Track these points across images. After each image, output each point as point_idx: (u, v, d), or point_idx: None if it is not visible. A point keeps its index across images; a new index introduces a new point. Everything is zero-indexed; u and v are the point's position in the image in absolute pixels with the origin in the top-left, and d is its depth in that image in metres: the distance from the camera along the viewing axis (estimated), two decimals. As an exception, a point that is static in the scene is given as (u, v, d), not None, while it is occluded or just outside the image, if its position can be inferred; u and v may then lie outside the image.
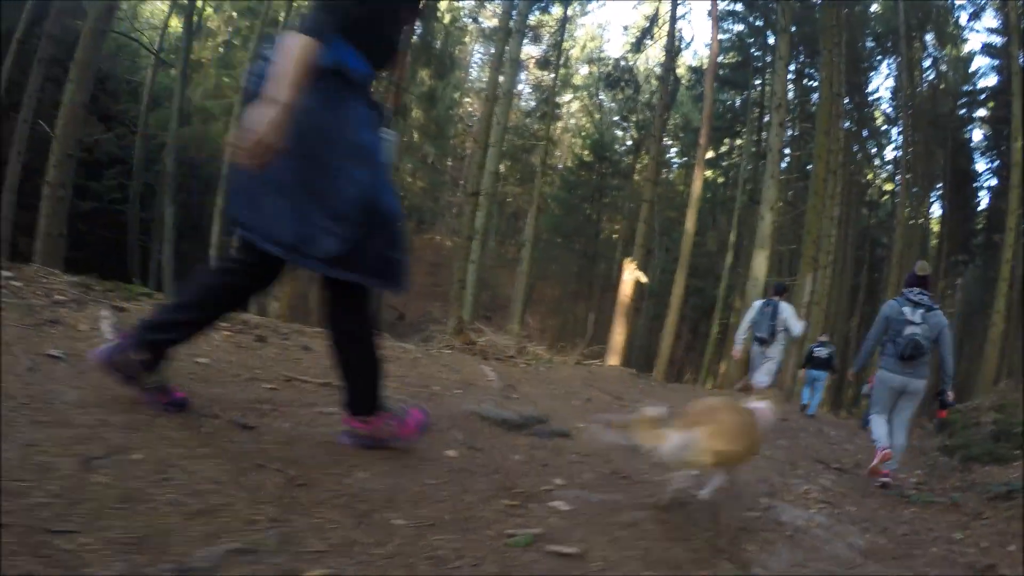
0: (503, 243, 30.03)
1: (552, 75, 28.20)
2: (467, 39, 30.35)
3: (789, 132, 25.33)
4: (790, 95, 24.34)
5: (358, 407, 2.79)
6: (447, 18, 27.87)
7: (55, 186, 12.47)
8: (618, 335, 16.32)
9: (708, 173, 24.59)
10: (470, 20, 30.67)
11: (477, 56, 37.46)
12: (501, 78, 20.36)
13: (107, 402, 2.72)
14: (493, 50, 29.03)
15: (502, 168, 24.94)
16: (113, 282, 5.01)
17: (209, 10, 25.04)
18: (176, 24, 24.35)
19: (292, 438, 2.85)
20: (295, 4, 23.63)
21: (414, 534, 2.14)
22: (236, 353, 4.25)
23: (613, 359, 15.22)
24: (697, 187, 19.20)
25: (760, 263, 17.05)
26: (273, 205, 2.42)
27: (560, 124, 31.00)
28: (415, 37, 22.85)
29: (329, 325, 2.68)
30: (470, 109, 33.01)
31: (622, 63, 31.70)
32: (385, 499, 2.36)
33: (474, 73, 37.16)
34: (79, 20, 19.41)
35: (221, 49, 25.94)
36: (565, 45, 30.31)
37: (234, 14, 25.46)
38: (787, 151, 23.73)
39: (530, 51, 29.55)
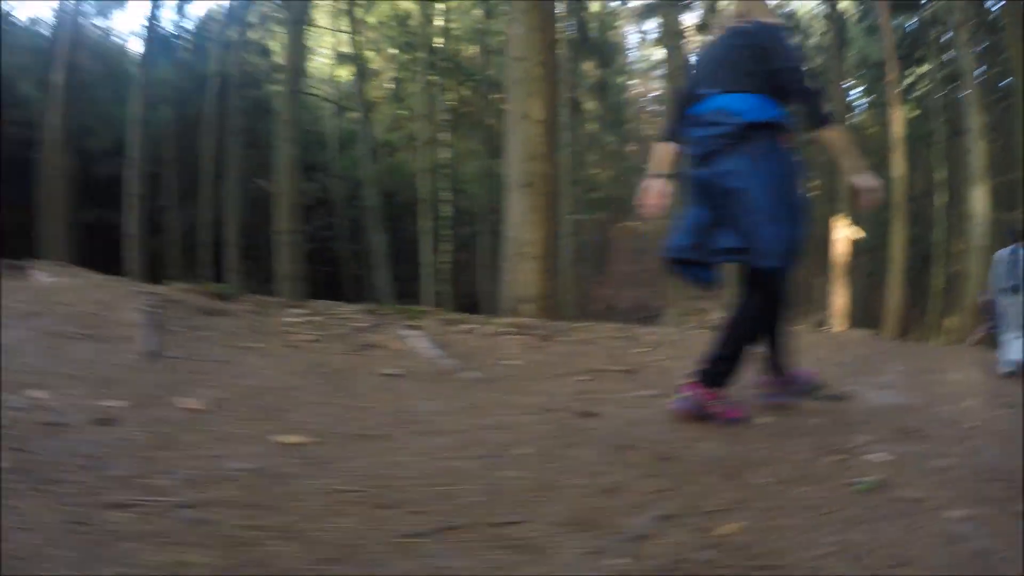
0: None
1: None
2: (619, 22, 30.04)
3: (979, 47, 23.08)
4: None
5: (711, 379, 3.08)
6: (596, 6, 27.86)
7: (288, 232, 13.88)
8: (839, 297, 15.65)
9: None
10: (619, 3, 30.43)
11: (631, 36, 36.97)
12: (662, 53, 20.05)
13: (464, 410, 3.15)
14: (644, 27, 28.69)
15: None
16: (392, 306, 5.56)
17: (370, 53, 26.29)
18: (343, 73, 26.00)
19: (632, 420, 3.13)
20: (450, 30, 24.47)
21: (779, 489, 2.34)
22: (534, 352, 4.64)
23: (838, 322, 14.67)
24: (897, 127, 18.05)
25: (979, 199, 15.72)
26: (765, 229, 2.96)
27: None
28: (572, 32, 23.01)
29: (740, 310, 3.18)
30: (640, 90, 32.59)
31: (781, 10, 30.44)
32: (737, 463, 2.58)
33: (632, 55, 36.65)
34: (255, 91, 21.72)
35: (391, 85, 27.16)
36: (720, 5, 29.39)
37: (394, 51, 26.57)
38: (982, 69, 21.67)
39: (686, 20, 28.89)
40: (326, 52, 27.23)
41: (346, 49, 24.42)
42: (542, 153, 7.92)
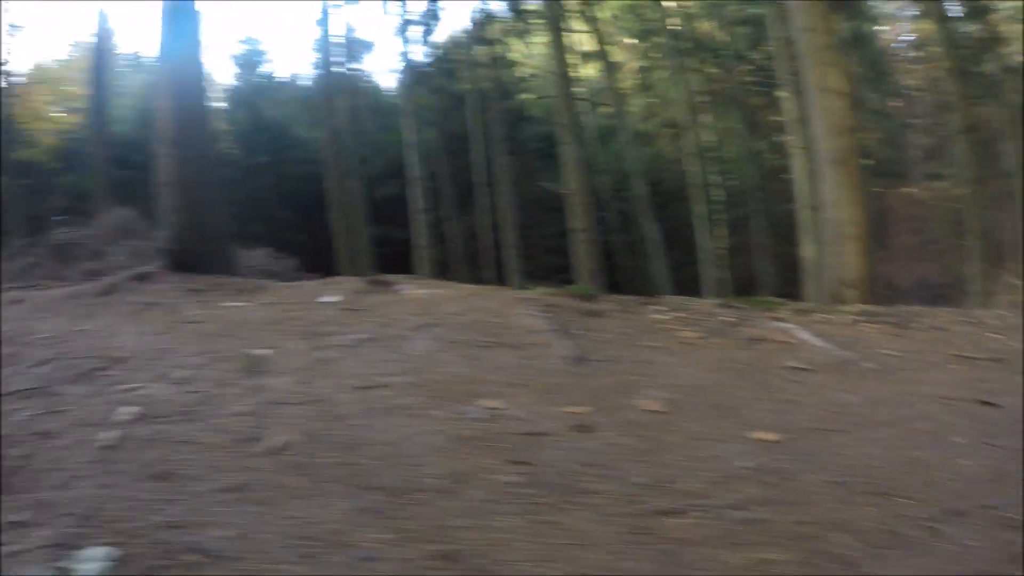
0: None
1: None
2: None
3: None
4: None
5: None
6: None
7: (583, 231, 14.60)
8: None
9: None
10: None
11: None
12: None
13: (881, 401, 3.48)
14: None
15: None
16: (744, 298, 5.86)
17: (609, 47, 26.46)
18: (589, 71, 26.50)
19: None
20: (683, 9, 24.11)
21: None
22: (898, 341, 4.78)
23: None
24: None
25: None
26: None
27: (997, 15, 26.61)
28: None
29: None
30: (890, 36, 30.03)
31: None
32: None
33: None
34: (508, 101, 23.05)
35: (638, 75, 27.23)
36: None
37: (632, 40, 26.59)
38: None
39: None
40: (569, 53, 27.91)
41: (588, 47, 24.85)
42: (849, 126, 7.72)
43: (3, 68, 24.40)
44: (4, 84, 24.26)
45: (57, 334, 5.64)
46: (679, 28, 23.74)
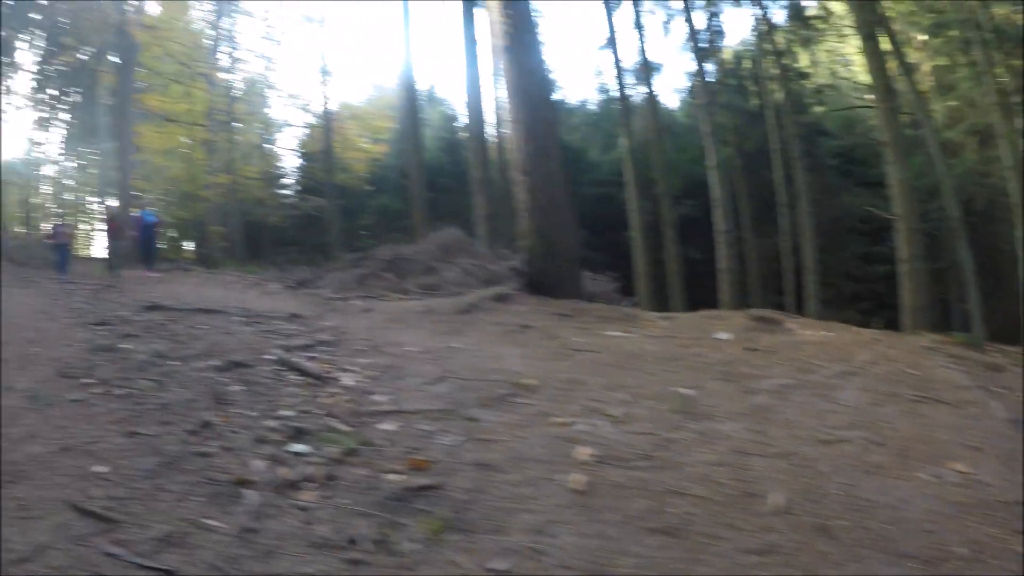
0: None
1: None
2: None
3: None
4: None
5: None
6: None
7: (909, 260, 13.90)
8: None
9: None
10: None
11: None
12: None
13: None
14: None
15: None
16: None
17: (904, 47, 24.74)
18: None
19: None
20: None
21: None
22: None
23: None
24: None
25: None
26: None
27: None
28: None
29: None
30: None
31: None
32: None
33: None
34: (804, 115, 22.97)
35: (930, 76, 25.37)
36: None
37: (921, 37, 24.73)
38: None
39: None
40: (852, 59, 26.65)
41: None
42: None
43: (324, 107, 28.36)
44: (323, 121, 28.08)
45: (428, 349, 5.97)
46: (977, 17, 21.66)
